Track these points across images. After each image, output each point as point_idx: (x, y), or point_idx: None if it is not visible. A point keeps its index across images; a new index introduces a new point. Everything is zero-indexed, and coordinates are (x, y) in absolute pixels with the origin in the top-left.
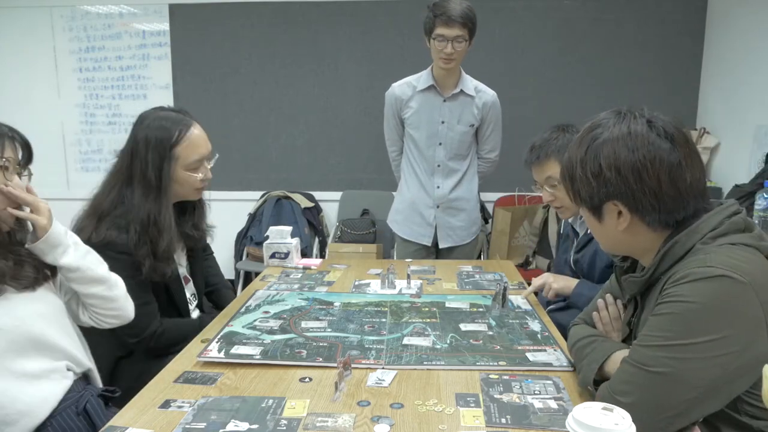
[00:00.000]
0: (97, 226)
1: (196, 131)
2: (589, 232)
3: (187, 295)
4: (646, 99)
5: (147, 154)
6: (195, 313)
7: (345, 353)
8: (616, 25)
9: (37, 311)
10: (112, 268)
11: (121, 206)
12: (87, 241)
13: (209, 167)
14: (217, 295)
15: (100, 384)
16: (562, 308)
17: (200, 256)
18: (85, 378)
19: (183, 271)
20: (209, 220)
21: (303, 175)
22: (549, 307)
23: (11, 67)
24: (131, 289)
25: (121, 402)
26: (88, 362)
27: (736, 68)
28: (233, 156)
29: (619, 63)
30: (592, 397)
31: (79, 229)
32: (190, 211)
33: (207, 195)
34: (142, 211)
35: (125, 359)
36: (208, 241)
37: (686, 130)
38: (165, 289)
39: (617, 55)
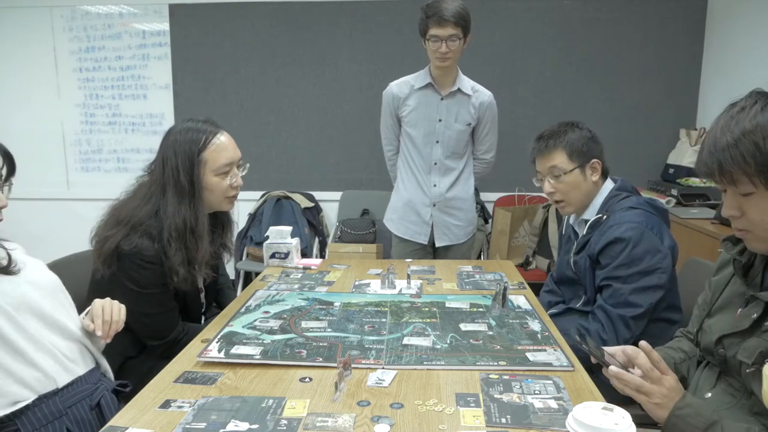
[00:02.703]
0: (128, 234)
1: (223, 137)
2: (585, 233)
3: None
4: (646, 99)
5: (177, 162)
6: (202, 320)
7: (345, 353)
8: (616, 25)
9: (28, 279)
10: (139, 276)
11: (155, 217)
12: (115, 249)
13: (240, 174)
14: (220, 294)
15: (112, 377)
16: (561, 312)
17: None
18: (98, 368)
19: (199, 281)
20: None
21: (303, 175)
22: (549, 311)
23: (11, 67)
24: (157, 297)
25: (128, 399)
26: (91, 344)
27: (736, 68)
28: None
29: (619, 63)
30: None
31: (105, 238)
32: (219, 231)
33: None
34: (178, 218)
35: (133, 359)
36: (227, 257)
37: None
38: (182, 296)
39: (617, 55)
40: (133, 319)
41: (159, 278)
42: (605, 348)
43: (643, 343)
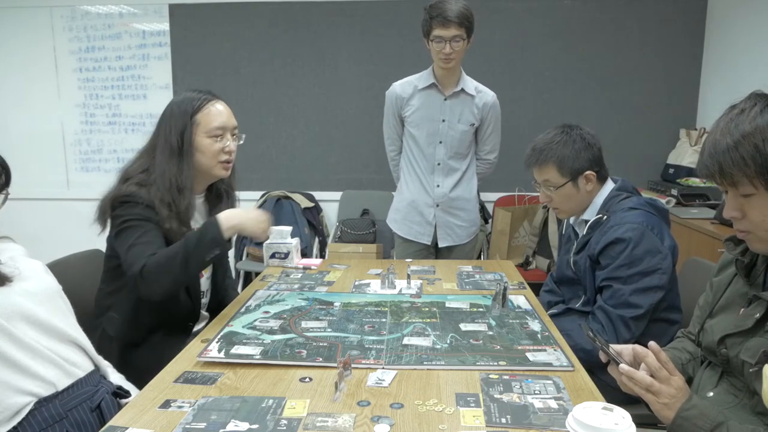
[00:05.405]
0: (119, 186)
1: (219, 105)
2: (585, 233)
3: (202, 288)
4: (646, 99)
5: (171, 121)
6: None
7: (345, 353)
8: (616, 25)
9: (22, 288)
10: (130, 214)
11: (146, 172)
12: (113, 199)
13: (234, 143)
14: (222, 294)
15: (113, 380)
16: (561, 313)
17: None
18: (97, 370)
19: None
20: None
21: (303, 175)
22: (549, 312)
23: (11, 67)
24: (140, 228)
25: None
26: (90, 346)
27: (736, 68)
28: None
29: (619, 63)
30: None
31: (105, 197)
32: (219, 203)
33: None
34: (166, 174)
35: (131, 357)
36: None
37: None
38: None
39: (617, 55)
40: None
41: (147, 214)
42: (613, 346)
43: (652, 343)
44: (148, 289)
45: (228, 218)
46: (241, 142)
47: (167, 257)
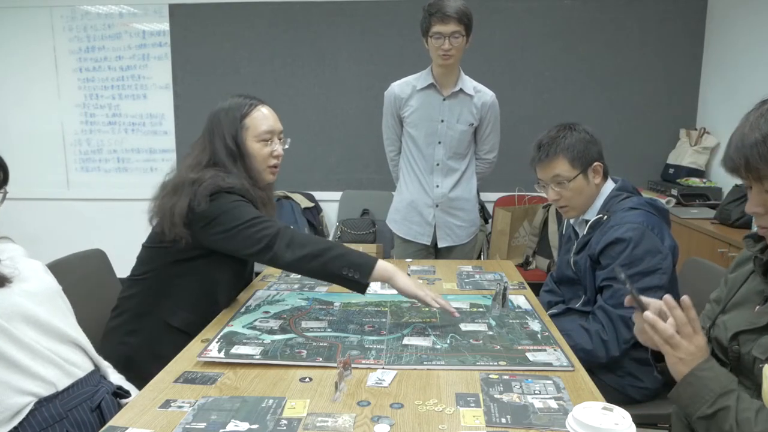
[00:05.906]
0: (197, 188)
1: (264, 108)
2: (586, 233)
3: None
4: (646, 99)
5: (222, 127)
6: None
7: (345, 353)
8: (616, 25)
9: (21, 288)
10: (238, 198)
11: (222, 171)
12: (213, 188)
13: (281, 147)
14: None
15: (113, 380)
16: (561, 313)
17: None
18: (97, 370)
19: None
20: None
21: (303, 175)
22: (549, 311)
23: (11, 67)
24: (249, 210)
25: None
26: (90, 346)
27: (736, 68)
28: None
29: (619, 63)
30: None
31: (164, 208)
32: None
33: None
34: (242, 176)
35: (130, 357)
36: None
37: None
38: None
39: (617, 55)
40: (236, 241)
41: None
42: (642, 297)
43: (685, 298)
44: (281, 251)
45: (386, 263)
46: (287, 146)
47: (311, 238)
